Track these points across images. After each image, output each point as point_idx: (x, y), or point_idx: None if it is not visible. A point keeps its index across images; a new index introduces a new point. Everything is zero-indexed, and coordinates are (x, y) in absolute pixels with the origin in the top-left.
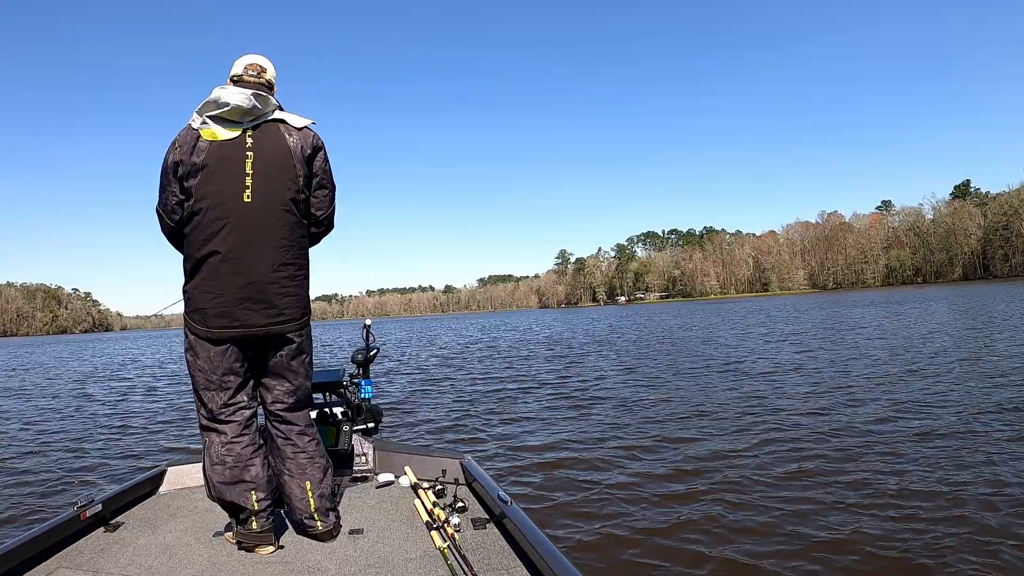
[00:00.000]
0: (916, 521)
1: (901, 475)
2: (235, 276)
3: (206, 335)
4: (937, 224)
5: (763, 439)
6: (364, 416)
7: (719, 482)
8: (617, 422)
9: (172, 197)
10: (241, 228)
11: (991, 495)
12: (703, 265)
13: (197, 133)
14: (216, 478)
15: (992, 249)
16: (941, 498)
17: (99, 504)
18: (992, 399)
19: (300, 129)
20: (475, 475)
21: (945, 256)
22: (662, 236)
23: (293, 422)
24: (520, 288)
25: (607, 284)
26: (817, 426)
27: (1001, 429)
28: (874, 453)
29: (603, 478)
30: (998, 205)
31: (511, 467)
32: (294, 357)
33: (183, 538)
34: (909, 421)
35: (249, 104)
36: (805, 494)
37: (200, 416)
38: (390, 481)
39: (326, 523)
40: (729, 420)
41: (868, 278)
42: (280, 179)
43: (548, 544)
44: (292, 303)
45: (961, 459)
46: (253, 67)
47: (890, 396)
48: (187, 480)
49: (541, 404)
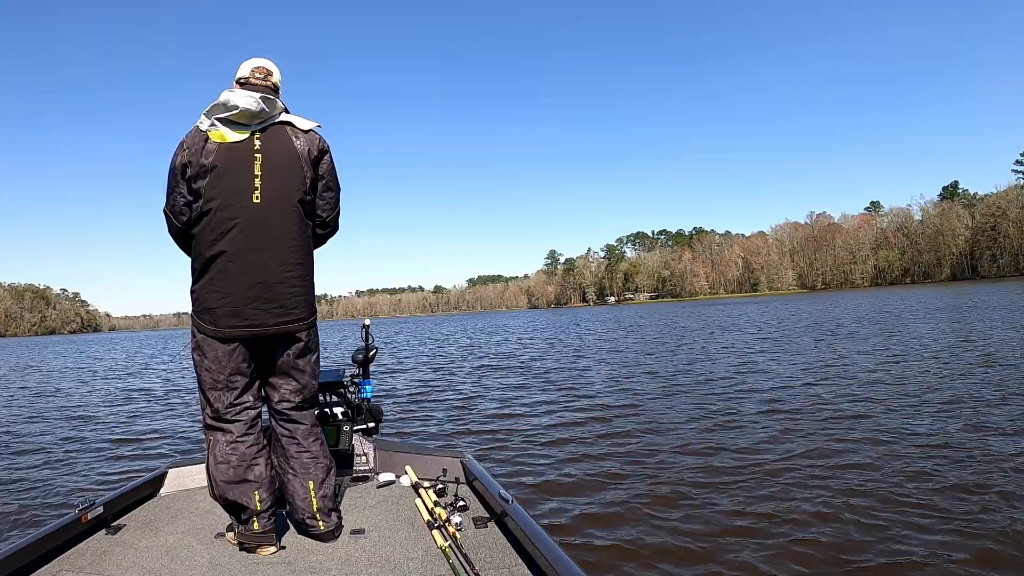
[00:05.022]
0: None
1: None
2: (244, 276)
3: (215, 334)
4: (925, 225)
5: (769, 438)
6: (364, 416)
7: (722, 481)
8: (619, 421)
9: (180, 198)
10: (250, 228)
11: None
12: (692, 266)
13: (205, 135)
14: (220, 477)
15: (980, 250)
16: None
17: (100, 506)
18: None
19: (307, 132)
20: (476, 474)
21: (933, 257)
22: (651, 237)
23: (299, 421)
24: (510, 288)
25: (597, 285)
26: (830, 426)
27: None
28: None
29: (604, 476)
30: (986, 206)
31: (512, 466)
32: (301, 356)
33: (184, 539)
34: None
35: (257, 107)
36: (813, 494)
37: (205, 415)
38: (391, 481)
39: (328, 523)
40: (735, 420)
41: (856, 279)
42: (288, 181)
43: (550, 542)
44: (300, 303)
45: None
46: (260, 70)
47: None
48: (188, 482)
49: (542, 403)
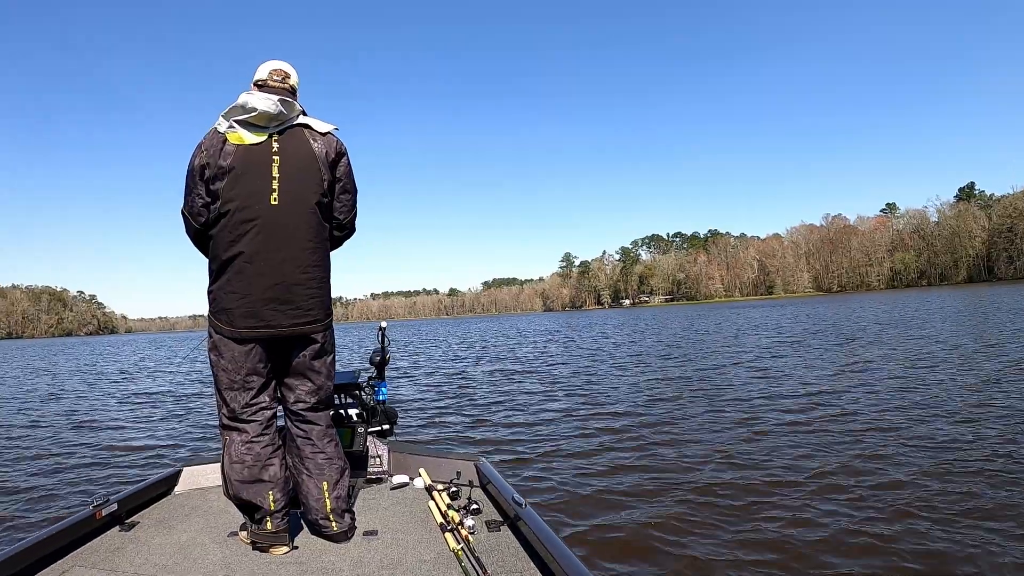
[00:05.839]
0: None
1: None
2: (262, 277)
3: (232, 335)
4: (941, 227)
5: (787, 444)
6: (379, 418)
7: (738, 488)
8: (633, 426)
9: (198, 200)
10: (268, 230)
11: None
12: (708, 268)
13: (223, 137)
14: (234, 476)
15: (997, 251)
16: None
17: (114, 503)
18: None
19: (324, 135)
20: (490, 477)
21: (950, 259)
22: (667, 239)
23: (315, 422)
24: (525, 291)
25: (611, 287)
26: (852, 434)
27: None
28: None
29: (618, 482)
30: (1003, 207)
31: (526, 470)
32: (317, 357)
33: (198, 538)
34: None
35: (276, 110)
36: (833, 507)
37: (221, 415)
38: (404, 483)
39: (341, 524)
40: (763, 430)
41: (872, 281)
42: (306, 183)
43: (562, 547)
44: (317, 304)
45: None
46: (278, 72)
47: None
48: (202, 480)
49: (556, 407)
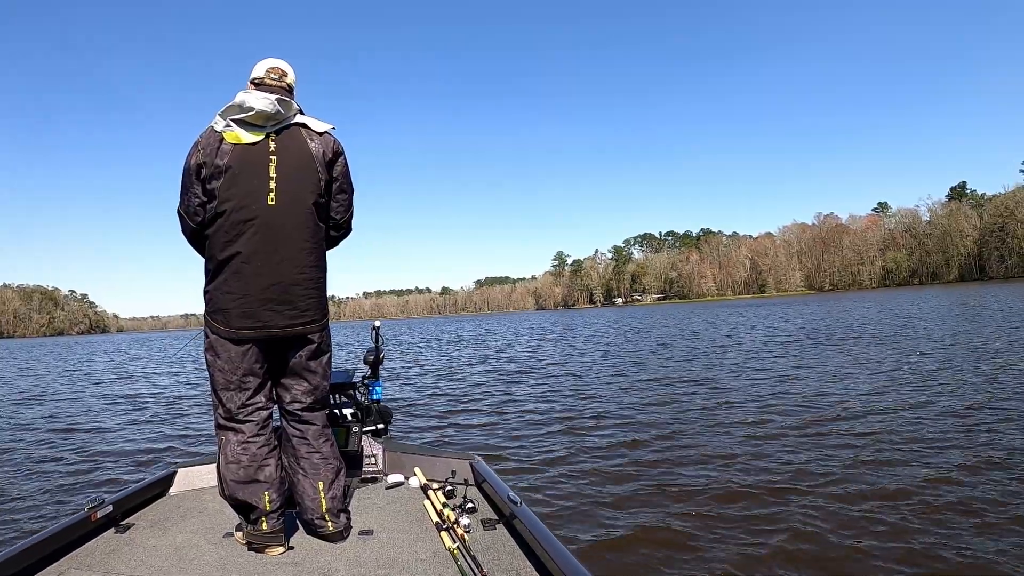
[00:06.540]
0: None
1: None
2: (259, 277)
3: (228, 335)
4: (933, 226)
5: (783, 445)
6: (374, 417)
7: (732, 486)
8: (628, 424)
9: (194, 199)
10: (265, 230)
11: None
12: (700, 267)
13: (220, 136)
14: (230, 476)
15: (988, 251)
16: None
17: (110, 505)
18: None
19: (321, 134)
20: (485, 476)
21: (941, 258)
22: (659, 238)
23: (311, 422)
24: (517, 290)
25: (604, 286)
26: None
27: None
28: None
29: (613, 479)
30: (994, 207)
31: (521, 468)
32: (313, 357)
33: (193, 539)
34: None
35: (273, 109)
36: (827, 502)
37: (217, 415)
38: (400, 482)
39: (337, 524)
40: (745, 424)
41: (864, 280)
42: (303, 183)
43: (558, 545)
44: (313, 304)
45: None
46: (275, 71)
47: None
48: (197, 481)
49: (550, 405)
